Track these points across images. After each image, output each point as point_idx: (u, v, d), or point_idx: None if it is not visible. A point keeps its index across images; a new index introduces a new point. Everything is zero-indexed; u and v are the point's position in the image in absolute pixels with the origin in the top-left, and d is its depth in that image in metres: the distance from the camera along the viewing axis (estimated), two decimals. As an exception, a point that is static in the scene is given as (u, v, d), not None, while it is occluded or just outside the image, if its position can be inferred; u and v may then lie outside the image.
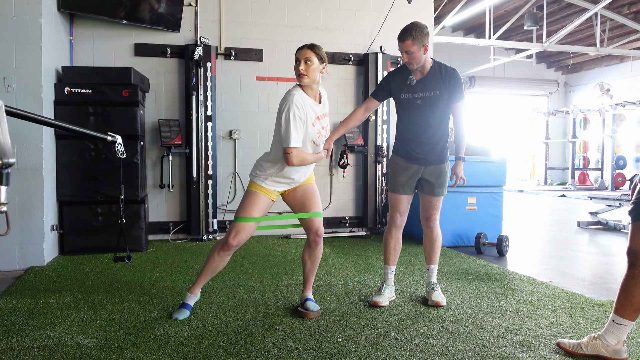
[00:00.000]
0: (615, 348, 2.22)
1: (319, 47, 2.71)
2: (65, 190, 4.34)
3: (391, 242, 3.15)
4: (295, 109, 2.59)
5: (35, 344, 2.37)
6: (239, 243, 2.72)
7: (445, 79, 2.95)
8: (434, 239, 3.19)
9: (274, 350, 2.34)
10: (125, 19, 4.91)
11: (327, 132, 2.82)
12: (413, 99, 2.99)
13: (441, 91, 2.95)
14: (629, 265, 2.17)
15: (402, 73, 3.04)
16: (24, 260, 3.92)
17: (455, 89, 2.95)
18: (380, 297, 3.03)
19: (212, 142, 5.14)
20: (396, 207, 3.13)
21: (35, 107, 3.85)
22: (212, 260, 2.79)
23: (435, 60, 3.02)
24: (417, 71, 2.98)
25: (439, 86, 2.95)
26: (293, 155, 2.61)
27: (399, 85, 3.04)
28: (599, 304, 3.08)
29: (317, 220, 2.81)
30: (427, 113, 2.98)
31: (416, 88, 2.98)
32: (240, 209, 2.75)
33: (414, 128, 3.03)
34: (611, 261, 4.51)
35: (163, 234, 5.20)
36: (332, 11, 5.65)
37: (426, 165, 3.06)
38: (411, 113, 3.04)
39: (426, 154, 3.03)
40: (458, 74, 3.00)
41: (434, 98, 2.96)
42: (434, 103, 2.96)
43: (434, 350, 2.35)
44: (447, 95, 2.95)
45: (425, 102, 2.97)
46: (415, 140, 3.03)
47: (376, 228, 5.62)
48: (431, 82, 2.96)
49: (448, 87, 2.94)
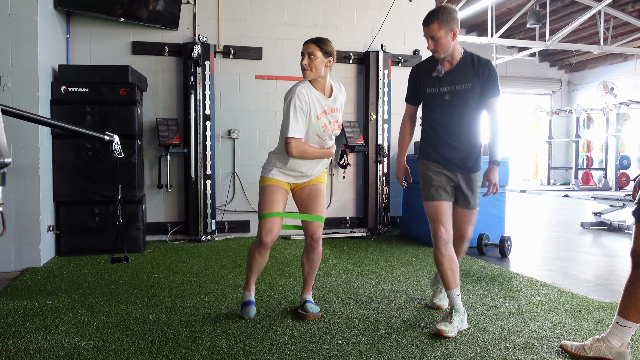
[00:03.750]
0: (619, 350, 2.20)
1: (324, 41, 2.68)
2: (62, 190, 4.31)
3: (444, 263, 2.59)
4: (297, 99, 2.60)
5: (32, 346, 2.35)
6: (273, 239, 2.72)
7: (478, 71, 2.58)
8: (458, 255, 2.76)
9: (273, 352, 2.32)
10: (122, 16, 4.87)
11: (335, 127, 2.77)
12: (440, 93, 2.64)
13: (473, 84, 2.58)
14: (633, 266, 2.15)
15: (428, 64, 2.70)
16: (20, 261, 3.89)
17: (489, 82, 2.58)
18: (447, 326, 2.51)
19: (210, 142, 5.10)
20: (438, 218, 2.62)
21: (31, 106, 3.82)
22: (255, 261, 2.80)
23: (467, 50, 2.67)
24: (445, 61, 2.63)
25: (470, 78, 2.58)
26: (292, 146, 2.62)
27: (423, 78, 2.70)
28: (602, 306, 3.04)
29: (315, 224, 2.76)
30: (457, 110, 2.63)
31: (444, 81, 2.62)
32: (262, 206, 2.74)
33: (442, 129, 2.67)
34: (615, 262, 4.47)
35: (161, 234, 5.16)
36: (333, 9, 5.61)
37: (463, 173, 2.68)
38: (438, 111, 2.67)
39: (463, 161, 2.66)
40: (492, 65, 2.63)
41: (465, 92, 2.59)
42: (465, 98, 2.60)
43: (436, 353, 2.32)
44: (479, 89, 2.59)
45: (455, 97, 2.61)
46: (446, 144, 2.67)
47: (377, 229, 5.57)
48: (461, 73, 2.60)
49: (481, 79, 2.58)
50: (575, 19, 9.79)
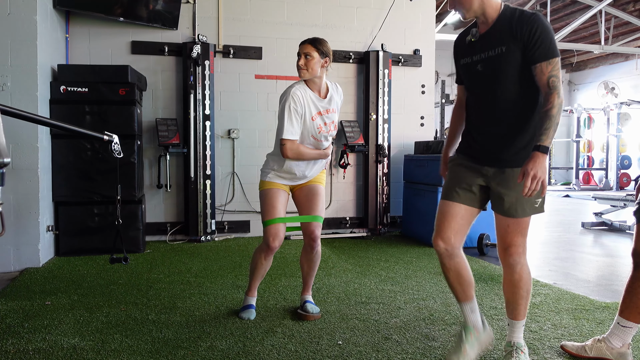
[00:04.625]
0: (620, 351, 2.19)
1: (321, 42, 2.67)
2: (61, 191, 4.30)
3: (450, 276, 2.15)
4: (291, 101, 2.59)
5: (31, 347, 2.35)
6: (280, 243, 2.72)
7: (516, 28, 1.93)
8: (516, 282, 2.09)
9: (273, 353, 2.31)
10: (122, 16, 4.86)
11: (331, 128, 2.75)
12: (473, 63, 2.07)
13: (509, 47, 1.95)
14: (634, 266, 2.14)
15: (469, 29, 2.15)
16: (19, 262, 3.88)
17: (532, 41, 1.91)
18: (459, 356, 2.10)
19: (210, 142, 5.09)
20: (438, 225, 2.12)
21: (30, 105, 3.81)
22: (259, 266, 2.79)
23: (511, 6, 2.04)
24: (481, 22, 2.06)
25: (505, 39, 1.96)
26: (287, 148, 2.61)
27: (461, 48, 2.18)
28: (603, 306, 3.03)
29: (314, 224, 2.76)
30: (492, 84, 2.02)
31: (477, 46, 2.06)
32: (265, 212, 2.73)
33: (477, 111, 2.12)
34: (616, 262, 4.45)
35: (160, 234, 5.15)
36: (333, 8, 5.59)
37: (493, 166, 2.06)
38: (472, 87, 2.14)
39: (498, 151, 2.05)
40: (540, 20, 1.92)
41: (498, 58, 1.98)
42: (499, 66, 1.99)
43: (436, 353, 2.31)
44: (519, 52, 1.94)
45: (488, 66, 2.02)
46: (480, 130, 2.11)
47: (377, 229, 5.56)
48: (496, 35, 2.00)
49: (521, 39, 1.92)
50: (576, 19, 9.78)
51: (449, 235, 2.09)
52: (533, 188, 1.84)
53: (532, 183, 1.83)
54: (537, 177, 1.83)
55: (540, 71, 1.92)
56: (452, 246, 2.09)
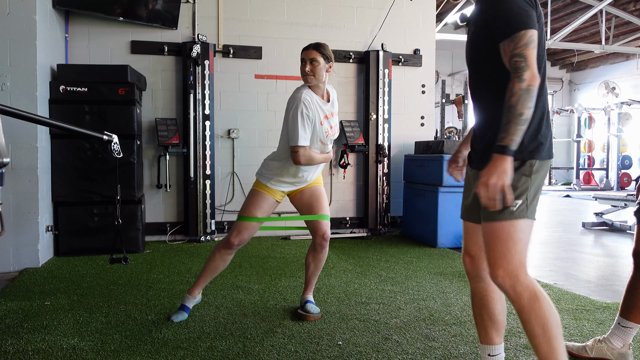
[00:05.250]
0: (620, 351, 2.19)
1: (324, 46, 2.68)
2: (61, 191, 4.29)
3: (474, 302, 1.89)
4: (303, 107, 2.58)
5: (30, 347, 2.34)
6: (240, 242, 2.70)
7: (480, 3, 1.72)
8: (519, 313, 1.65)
9: (273, 353, 2.30)
10: (121, 15, 4.85)
11: (335, 131, 2.77)
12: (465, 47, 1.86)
13: (477, 25, 1.72)
14: (635, 267, 2.14)
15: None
16: (18, 262, 3.87)
17: (492, 15, 1.62)
18: None
19: (210, 142, 5.08)
20: (464, 237, 1.90)
21: (30, 105, 3.81)
22: (213, 259, 2.77)
23: None
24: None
25: (475, 16, 1.75)
26: (300, 154, 2.59)
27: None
28: (604, 307, 3.02)
29: (325, 223, 2.77)
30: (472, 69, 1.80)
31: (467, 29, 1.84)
32: (244, 208, 2.74)
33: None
34: (617, 263, 4.44)
35: (160, 235, 5.14)
36: (333, 8, 5.59)
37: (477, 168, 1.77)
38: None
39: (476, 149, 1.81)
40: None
41: (473, 39, 1.76)
42: (474, 48, 1.76)
43: (436, 354, 2.31)
44: (486, 29, 1.66)
45: (469, 49, 1.80)
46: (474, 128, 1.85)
47: (377, 229, 5.55)
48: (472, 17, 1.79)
49: (483, 13, 1.68)
50: (577, 18, 9.77)
51: (475, 251, 1.84)
52: (491, 197, 1.53)
53: (486, 191, 1.53)
54: (491, 185, 1.52)
55: (503, 52, 1.60)
56: (478, 263, 1.83)
